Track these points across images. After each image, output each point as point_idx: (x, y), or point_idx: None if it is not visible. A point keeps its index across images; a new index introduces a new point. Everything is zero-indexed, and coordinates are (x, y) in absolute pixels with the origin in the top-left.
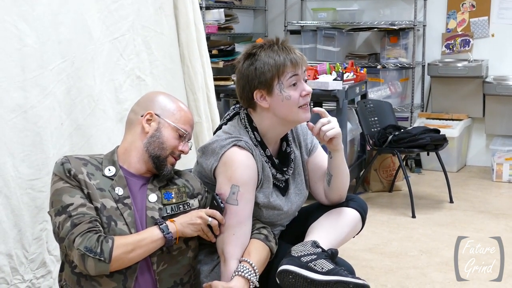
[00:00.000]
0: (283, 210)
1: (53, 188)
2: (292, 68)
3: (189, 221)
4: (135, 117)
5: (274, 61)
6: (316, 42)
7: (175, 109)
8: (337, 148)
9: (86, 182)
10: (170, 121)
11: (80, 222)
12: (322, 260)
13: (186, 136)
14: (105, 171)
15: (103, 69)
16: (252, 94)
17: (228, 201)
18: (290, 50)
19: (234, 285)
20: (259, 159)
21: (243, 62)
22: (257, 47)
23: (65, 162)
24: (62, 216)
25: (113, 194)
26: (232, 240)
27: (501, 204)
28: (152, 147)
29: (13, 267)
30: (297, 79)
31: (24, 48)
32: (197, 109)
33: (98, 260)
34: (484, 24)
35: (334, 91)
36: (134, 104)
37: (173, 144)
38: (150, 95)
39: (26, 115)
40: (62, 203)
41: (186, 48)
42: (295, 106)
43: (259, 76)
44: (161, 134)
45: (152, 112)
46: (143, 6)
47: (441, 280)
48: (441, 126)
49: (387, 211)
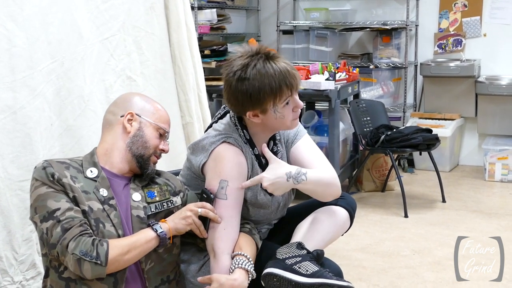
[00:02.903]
0: (270, 209)
1: (35, 194)
2: (288, 91)
3: (180, 215)
4: (114, 118)
5: (269, 87)
6: (309, 42)
7: (153, 109)
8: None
9: (71, 186)
10: (151, 120)
11: (71, 226)
12: (307, 262)
13: (166, 135)
14: (87, 172)
15: (93, 70)
16: (245, 113)
17: (217, 195)
18: (284, 71)
19: (237, 277)
20: (248, 156)
21: (236, 81)
22: (247, 65)
23: (47, 167)
24: (49, 222)
25: (98, 196)
26: (223, 235)
27: (493, 203)
28: (135, 147)
29: (3, 269)
30: (291, 98)
31: (13, 48)
32: (188, 109)
33: (94, 263)
34: (476, 24)
35: (326, 91)
36: (111, 106)
37: (155, 143)
38: (126, 96)
39: (15, 116)
40: (47, 208)
41: (177, 49)
42: (288, 121)
43: (253, 102)
44: (144, 134)
45: (133, 112)
46: (133, 6)
47: (433, 279)
48: (434, 126)
49: (379, 211)
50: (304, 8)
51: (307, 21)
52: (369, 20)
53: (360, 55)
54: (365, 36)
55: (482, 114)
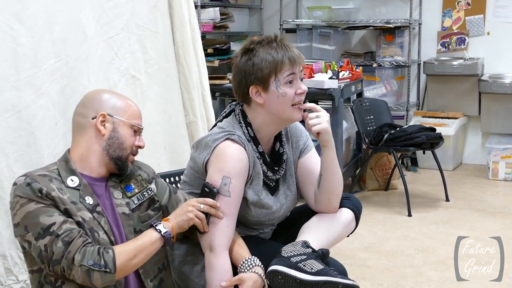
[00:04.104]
0: (272, 210)
1: (22, 212)
2: (290, 66)
3: (181, 212)
4: (86, 121)
5: (272, 57)
6: (312, 41)
7: (125, 105)
8: (326, 145)
9: (61, 198)
10: (124, 118)
11: (72, 238)
12: (312, 261)
13: (140, 130)
14: (68, 182)
15: (97, 69)
16: (248, 89)
17: (220, 191)
18: (289, 48)
19: (261, 272)
20: (251, 154)
21: (241, 57)
22: (255, 42)
23: (31, 182)
24: (46, 238)
25: (86, 205)
26: (225, 231)
27: (497, 202)
28: (112, 149)
29: (7, 268)
30: (293, 77)
31: (18, 47)
32: (192, 108)
33: (104, 272)
34: (480, 22)
35: (329, 90)
36: (78, 107)
37: (131, 142)
38: (93, 95)
39: (20, 115)
40: (41, 225)
41: (181, 47)
42: (290, 103)
43: (256, 71)
44: (119, 134)
45: (104, 113)
46: (137, 4)
47: (437, 278)
48: (437, 125)
49: (383, 210)
50: (307, 6)
51: (310, 19)
52: (372, 19)
53: (363, 53)
54: (368, 35)
55: (485, 113)
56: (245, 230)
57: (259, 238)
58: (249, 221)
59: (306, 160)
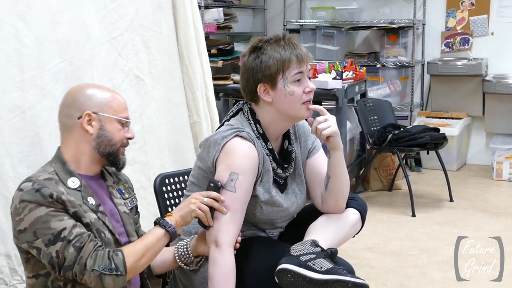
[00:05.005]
0: (283, 207)
1: (31, 217)
2: (298, 64)
3: (184, 205)
4: (72, 121)
5: (280, 55)
6: (315, 41)
7: (109, 99)
8: (335, 147)
9: (71, 201)
10: (110, 114)
11: (83, 243)
12: (321, 259)
13: (128, 123)
14: (69, 184)
15: (101, 69)
16: (256, 87)
17: (225, 187)
18: (296, 46)
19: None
20: (260, 151)
21: (249, 55)
22: (263, 41)
23: (41, 188)
24: (58, 244)
25: (89, 206)
26: (228, 228)
27: (501, 202)
28: (102, 147)
29: (12, 268)
30: (301, 75)
31: (22, 48)
32: (196, 108)
33: (115, 275)
34: (484, 23)
35: (333, 90)
36: (62, 106)
37: (120, 136)
38: (76, 92)
39: (24, 115)
40: (52, 230)
41: (185, 48)
42: (298, 102)
43: (264, 69)
44: (107, 131)
45: (89, 111)
46: (141, 5)
47: (441, 279)
48: (441, 125)
49: (387, 210)
50: (311, 7)
51: (314, 20)
52: (376, 19)
53: (367, 54)
54: (372, 35)
55: (489, 113)
56: (255, 230)
57: (267, 238)
58: (261, 220)
59: (314, 161)
